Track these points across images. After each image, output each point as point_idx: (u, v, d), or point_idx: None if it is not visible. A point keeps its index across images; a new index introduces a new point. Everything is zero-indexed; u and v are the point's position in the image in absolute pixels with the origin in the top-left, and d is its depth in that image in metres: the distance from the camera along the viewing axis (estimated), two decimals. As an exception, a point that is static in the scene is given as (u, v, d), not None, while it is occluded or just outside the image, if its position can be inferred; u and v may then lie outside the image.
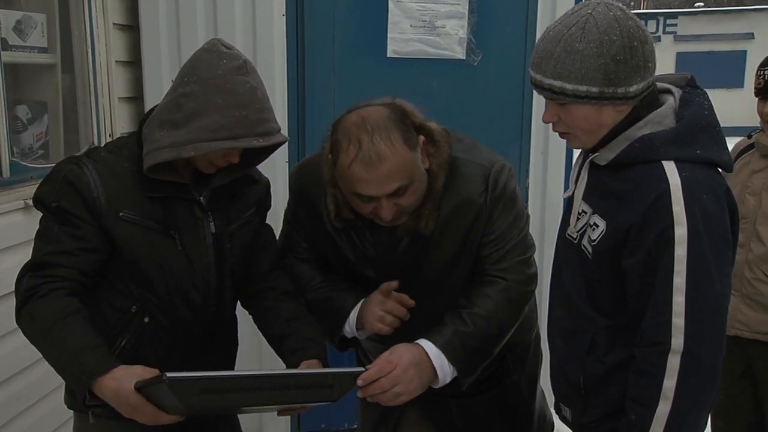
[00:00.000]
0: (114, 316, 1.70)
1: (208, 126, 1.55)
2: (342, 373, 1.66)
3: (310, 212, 1.84)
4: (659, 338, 1.47)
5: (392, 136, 1.54)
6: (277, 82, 2.90)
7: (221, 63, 1.57)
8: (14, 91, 2.54)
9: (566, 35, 1.46)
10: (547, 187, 3.29)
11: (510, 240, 1.76)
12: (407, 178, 1.58)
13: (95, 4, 2.73)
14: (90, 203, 1.62)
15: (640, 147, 1.51)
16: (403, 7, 2.91)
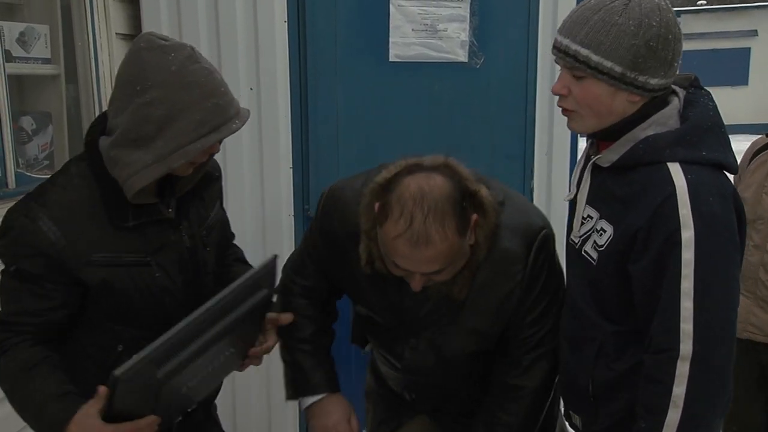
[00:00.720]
0: (99, 356, 1.63)
1: (186, 127, 1.47)
2: (262, 269, 1.65)
3: (336, 251, 1.77)
4: (667, 344, 1.44)
5: (446, 222, 1.45)
6: (280, 88, 2.90)
7: (170, 58, 1.47)
8: (19, 102, 2.56)
9: (608, 6, 1.44)
10: (552, 189, 3.27)
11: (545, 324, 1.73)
12: (449, 262, 1.52)
13: (98, 14, 2.74)
14: (53, 260, 1.51)
15: (644, 148, 1.48)
16: (404, 11, 2.91)
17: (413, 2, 2.91)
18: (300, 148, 2.96)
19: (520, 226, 1.66)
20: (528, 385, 1.76)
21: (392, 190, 1.49)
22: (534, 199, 3.21)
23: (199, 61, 1.53)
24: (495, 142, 3.11)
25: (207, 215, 1.77)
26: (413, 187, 1.47)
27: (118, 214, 1.55)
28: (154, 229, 1.62)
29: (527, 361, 1.75)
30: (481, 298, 1.67)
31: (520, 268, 1.65)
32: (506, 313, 1.70)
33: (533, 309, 1.70)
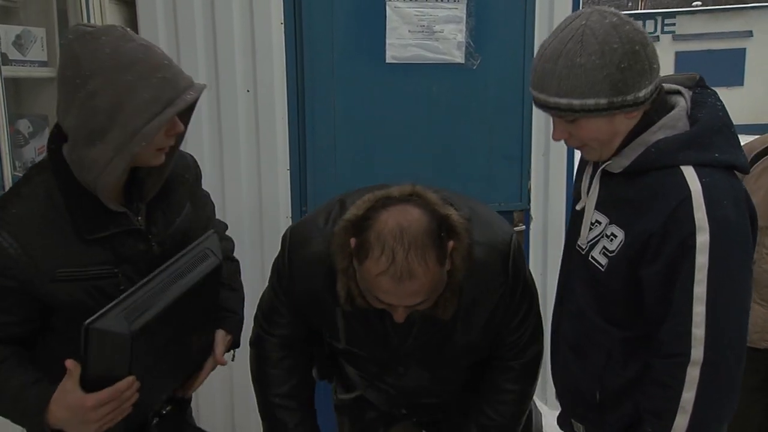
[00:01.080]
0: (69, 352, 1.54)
1: (137, 108, 1.39)
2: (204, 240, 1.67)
3: (309, 294, 1.73)
4: (678, 349, 1.44)
5: (427, 255, 1.45)
6: (277, 90, 2.90)
7: (101, 42, 1.39)
8: (15, 105, 2.55)
9: (564, 51, 1.42)
10: (549, 190, 3.28)
11: (529, 325, 1.76)
12: (430, 294, 1.52)
13: (94, 17, 2.74)
14: (16, 278, 1.45)
15: (656, 153, 1.47)
16: (401, 12, 2.91)
17: (410, 4, 2.91)
18: (297, 150, 2.95)
19: (491, 238, 1.67)
20: (517, 389, 1.81)
21: (369, 227, 1.47)
22: (531, 199, 3.22)
23: (134, 39, 1.44)
24: (492, 143, 3.11)
25: (173, 220, 1.70)
26: (391, 223, 1.45)
27: (85, 225, 1.49)
28: (122, 240, 1.56)
29: (518, 365, 1.80)
30: (470, 315, 1.68)
31: (502, 280, 1.67)
32: (496, 323, 1.72)
33: (517, 312, 1.73)
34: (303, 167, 2.95)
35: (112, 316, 1.39)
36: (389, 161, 3.01)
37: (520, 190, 3.18)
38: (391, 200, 1.51)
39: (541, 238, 3.30)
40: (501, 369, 1.81)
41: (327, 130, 2.94)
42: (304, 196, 2.98)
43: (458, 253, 1.54)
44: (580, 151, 1.62)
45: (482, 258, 1.63)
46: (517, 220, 3.20)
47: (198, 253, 1.63)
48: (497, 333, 1.75)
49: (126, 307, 1.42)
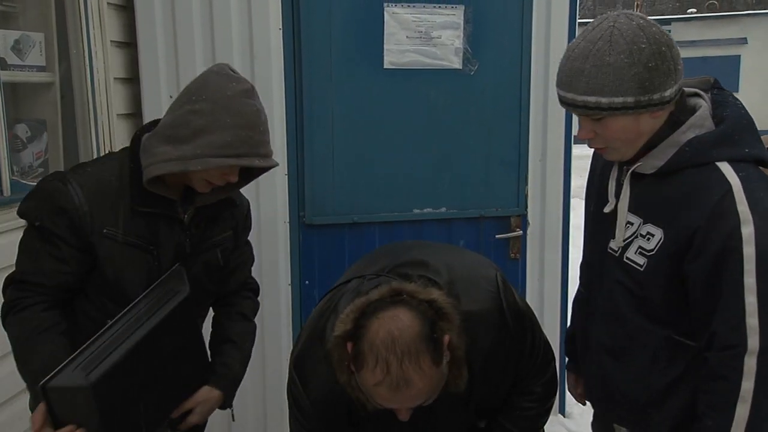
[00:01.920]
0: (88, 326, 1.70)
1: (216, 142, 1.60)
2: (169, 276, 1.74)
3: (330, 417, 1.68)
4: (734, 341, 1.45)
5: (422, 361, 1.42)
6: (275, 95, 2.91)
7: (231, 85, 1.63)
8: (13, 110, 2.55)
9: (593, 50, 1.45)
10: (546, 195, 3.29)
11: (540, 347, 1.75)
12: (430, 394, 1.49)
13: (93, 21, 2.74)
14: (75, 222, 1.65)
15: (690, 151, 1.51)
16: (399, 18, 2.92)
17: (408, 10, 2.92)
18: (295, 154, 2.96)
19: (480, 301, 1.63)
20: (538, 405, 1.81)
21: (362, 337, 1.45)
22: (528, 204, 3.23)
23: (254, 98, 1.68)
24: (489, 149, 3.13)
25: (211, 235, 1.85)
26: (382, 334, 1.42)
27: (139, 197, 1.69)
28: (164, 224, 1.75)
29: (539, 386, 1.79)
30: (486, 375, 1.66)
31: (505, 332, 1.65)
32: (512, 366, 1.71)
33: (524, 342, 1.71)
34: (301, 172, 2.97)
35: (68, 372, 1.47)
36: (387, 166, 3.03)
37: (517, 195, 3.20)
38: (378, 306, 1.47)
39: (538, 242, 3.31)
40: (522, 391, 1.79)
41: (325, 135, 2.95)
42: (302, 200, 2.99)
43: (453, 333, 1.51)
44: (601, 153, 1.64)
45: (480, 323, 1.61)
46: (514, 224, 3.22)
47: (163, 290, 1.71)
48: (515, 373, 1.74)
49: (83, 360, 1.49)
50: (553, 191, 3.30)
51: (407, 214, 3.08)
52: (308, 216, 2.99)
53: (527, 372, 1.75)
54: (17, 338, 1.67)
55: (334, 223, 3.03)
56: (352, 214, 3.03)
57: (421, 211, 3.10)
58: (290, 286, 3.06)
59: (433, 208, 3.11)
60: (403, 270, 1.65)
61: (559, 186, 3.30)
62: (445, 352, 1.48)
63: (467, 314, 1.57)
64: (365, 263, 1.79)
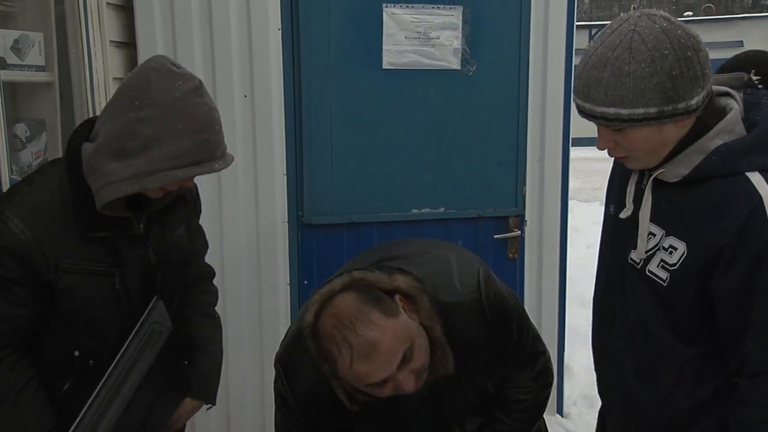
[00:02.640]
0: (55, 360, 1.64)
1: (171, 153, 1.46)
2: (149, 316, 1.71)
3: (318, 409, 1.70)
4: (766, 366, 1.37)
5: (372, 317, 1.44)
6: (274, 95, 2.91)
7: (177, 85, 1.48)
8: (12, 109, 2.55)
9: (612, 58, 1.34)
10: (544, 195, 3.30)
11: (527, 339, 1.75)
12: (407, 340, 1.48)
13: (92, 22, 2.74)
14: (25, 261, 1.51)
15: (718, 159, 1.39)
16: (397, 19, 2.93)
17: (406, 10, 2.93)
18: (294, 154, 2.97)
19: (455, 294, 1.64)
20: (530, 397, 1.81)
21: (318, 337, 1.48)
22: (526, 205, 3.24)
23: (203, 96, 1.53)
24: (488, 149, 3.14)
25: (169, 234, 1.77)
26: (328, 320, 1.46)
27: (87, 224, 1.54)
28: (122, 243, 1.63)
29: (530, 380, 1.80)
30: (469, 364, 1.66)
31: (485, 324, 1.65)
32: (496, 358, 1.71)
33: (509, 336, 1.71)
34: (300, 172, 2.97)
35: None
36: (385, 166, 3.04)
37: (515, 195, 3.20)
38: (332, 295, 1.50)
39: (536, 242, 3.32)
40: (515, 384, 1.80)
41: (324, 135, 2.96)
42: (300, 200, 3.00)
43: (421, 313, 1.53)
44: (622, 162, 1.53)
45: (457, 314, 1.61)
46: (512, 225, 3.23)
47: (146, 333, 1.68)
48: (501, 364, 1.75)
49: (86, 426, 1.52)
50: (551, 192, 3.31)
51: (406, 214, 3.09)
52: (307, 216, 3.00)
53: (516, 364, 1.76)
54: None
55: (333, 223, 3.04)
56: (350, 214, 3.03)
57: (419, 211, 3.10)
58: (289, 285, 3.06)
59: (431, 208, 3.11)
60: (385, 264, 1.66)
61: (557, 186, 3.31)
62: (400, 307, 1.50)
63: (443, 305, 1.60)
64: (354, 261, 1.81)
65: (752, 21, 21.20)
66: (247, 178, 2.94)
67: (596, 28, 21.55)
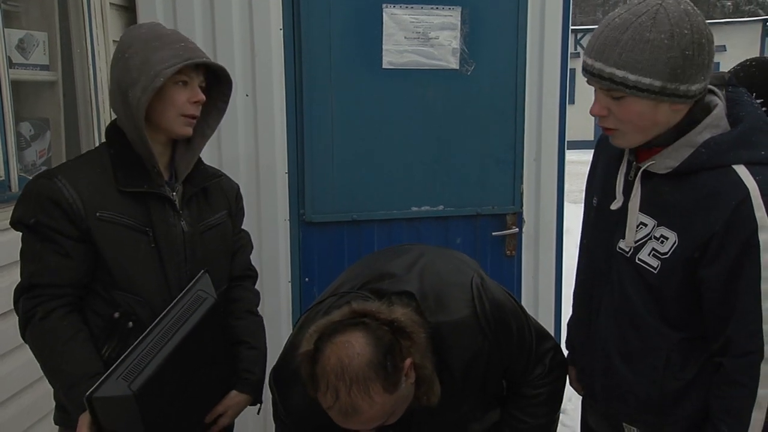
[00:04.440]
0: (97, 323, 1.72)
1: (159, 60, 1.67)
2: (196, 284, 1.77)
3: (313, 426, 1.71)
4: (751, 347, 1.43)
5: (371, 388, 1.43)
6: (276, 94, 2.95)
7: (143, 26, 1.78)
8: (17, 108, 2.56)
9: (635, 23, 1.39)
10: (541, 193, 3.35)
11: (531, 340, 1.75)
12: (389, 413, 1.50)
13: (95, 21, 2.77)
14: (68, 211, 1.66)
15: (707, 152, 1.46)
16: (397, 19, 2.97)
17: (406, 11, 2.98)
18: (295, 153, 3.00)
19: (452, 311, 1.63)
20: (545, 391, 1.81)
21: (316, 362, 1.47)
22: (524, 203, 3.28)
23: (169, 28, 1.80)
24: (485, 148, 3.18)
25: (206, 216, 1.87)
26: (333, 361, 1.44)
27: (123, 177, 1.73)
28: (155, 204, 1.76)
29: (541, 377, 1.80)
30: (466, 380, 1.67)
31: (482, 337, 1.65)
32: (497, 366, 1.71)
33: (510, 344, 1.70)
34: (301, 170, 3.00)
35: (111, 382, 1.50)
36: (386, 165, 3.07)
37: (512, 193, 3.25)
38: (336, 328, 1.49)
39: (533, 240, 3.37)
40: (526, 383, 1.81)
41: (325, 134, 2.99)
42: (301, 198, 3.03)
43: (416, 353, 1.51)
44: (608, 134, 1.57)
45: (454, 333, 1.62)
46: (509, 222, 3.27)
47: (191, 297, 1.73)
48: (505, 369, 1.75)
49: (124, 370, 1.52)
50: (548, 190, 3.36)
51: (405, 211, 3.13)
52: (308, 214, 3.03)
53: (525, 365, 1.76)
54: (42, 350, 1.66)
55: (334, 220, 3.06)
56: (351, 212, 3.06)
57: (419, 208, 3.14)
58: (290, 283, 3.09)
59: (430, 206, 3.15)
60: (375, 285, 1.67)
61: (553, 185, 3.36)
62: (403, 377, 1.49)
63: (440, 325, 1.60)
64: (344, 278, 1.81)
65: (735, 25, 21.52)
66: (248, 176, 2.97)
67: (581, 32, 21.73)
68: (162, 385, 1.57)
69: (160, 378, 1.56)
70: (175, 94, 1.72)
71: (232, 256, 1.98)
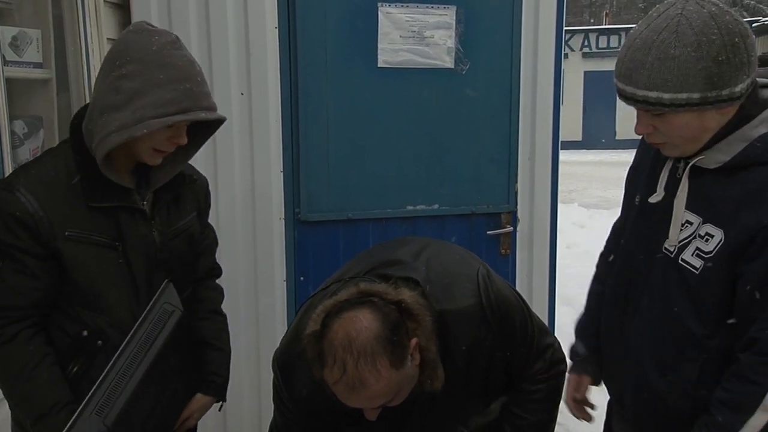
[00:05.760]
0: (64, 340, 1.65)
1: (155, 102, 1.50)
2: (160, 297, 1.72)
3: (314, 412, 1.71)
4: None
5: (378, 362, 1.44)
6: (271, 93, 2.94)
7: (153, 40, 1.54)
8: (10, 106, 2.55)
9: (657, 41, 1.34)
10: (535, 192, 3.36)
11: (533, 335, 1.75)
12: (395, 391, 1.50)
13: (89, 19, 2.75)
14: (33, 230, 1.55)
15: (762, 146, 1.40)
16: (392, 18, 2.98)
17: (401, 10, 2.98)
18: (290, 152, 2.99)
19: (457, 300, 1.63)
20: (544, 387, 1.80)
21: (323, 338, 1.48)
22: (518, 202, 3.29)
23: (182, 49, 1.58)
24: (480, 147, 3.19)
25: (176, 220, 1.80)
26: (341, 334, 1.45)
27: (91, 192, 1.59)
28: (126, 217, 1.66)
29: (541, 373, 1.79)
30: (469, 370, 1.67)
31: (486, 328, 1.65)
32: (499, 358, 1.71)
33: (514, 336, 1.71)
34: (296, 169, 3.00)
35: (84, 419, 1.50)
36: (381, 164, 3.08)
37: (507, 192, 3.26)
38: (344, 307, 1.50)
39: (528, 238, 3.38)
40: (526, 379, 1.80)
41: (320, 133, 2.99)
42: (297, 197, 3.02)
43: (422, 335, 1.52)
44: (659, 148, 1.52)
45: (458, 321, 1.62)
46: (504, 221, 3.28)
47: (158, 312, 1.70)
48: (506, 362, 1.75)
49: (96, 404, 1.52)
50: (542, 189, 3.37)
51: (401, 210, 3.13)
52: (303, 213, 3.03)
53: (525, 359, 1.76)
54: (6, 377, 1.60)
55: (329, 219, 3.06)
56: (346, 210, 3.06)
57: (414, 207, 3.15)
58: (285, 282, 3.08)
59: (426, 205, 3.16)
60: (382, 270, 1.67)
61: (547, 183, 3.37)
62: (409, 355, 1.50)
63: (445, 313, 1.60)
64: (349, 266, 1.81)
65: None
66: (243, 175, 2.96)
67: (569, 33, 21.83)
68: (135, 411, 1.58)
69: (132, 405, 1.56)
70: (156, 133, 1.56)
71: (197, 256, 1.93)
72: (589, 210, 10.21)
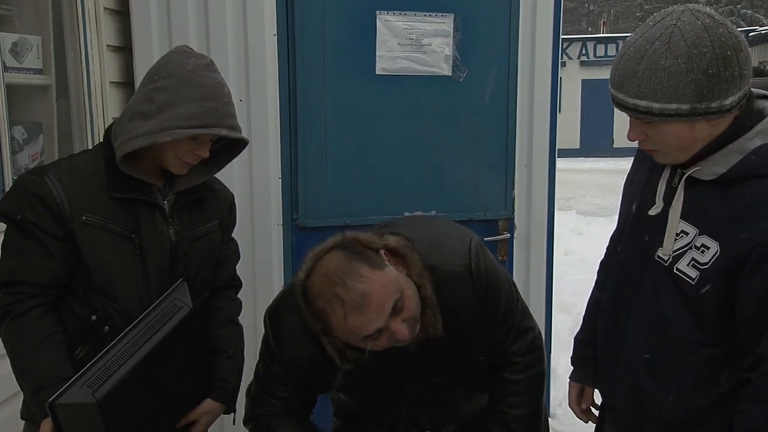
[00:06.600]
0: (74, 324, 1.72)
1: (181, 114, 1.63)
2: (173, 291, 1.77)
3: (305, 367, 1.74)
4: None
5: (360, 270, 1.49)
6: (270, 100, 2.96)
7: (190, 60, 1.69)
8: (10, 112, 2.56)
9: (649, 51, 1.35)
10: (532, 199, 3.38)
11: (516, 313, 1.78)
12: (396, 291, 1.53)
13: (89, 26, 2.77)
14: (54, 211, 1.65)
15: (758, 160, 1.40)
16: (390, 26, 3.00)
17: (399, 17, 3.00)
18: (289, 158, 3.01)
19: (450, 256, 1.67)
20: (524, 377, 1.82)
21: (309, 298, 1.54)
22: (515, 208, 3.31)
23: (214, 71, 1.72)
24: (477, 154, 3.21)
25: (199, 225, 1.87)
26: (318, 279, 1.52)
27: (114, 183, 1.71)
28: (145, 211, 1.76)
29: (520, 356, 1.81)
30: (456, 328, 1.69)
31: (472, 291, 1.68)
32: (482, 326, 1.74)
33: (498, 308, 1.73)
34: (294, 175, 3.01)
35: (75, 389, 1.51)
36: (379, 170, 3.09)
37: (504, 199, 3.27)
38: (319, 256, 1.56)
39: (525, 245, 3.39)
40: (505, 365, 1.82)
41: (318, 139, 3.01)
42: (295, 203, 3.03)
43: (411, 270, 1.58)
44: (651, 155, 1.54)
45: (447, 279, 1.65)
46: (501, 228, 3.30)
47: (167, 305, 1.74)
48: (489, 334, 1.77)
49: (90, 377, 1.54)
50: (539, 196, 3.39)
51: (398, 216, 3.14)
52: (301, 218, 3.04)
53: (505, 336, 1.78)
54: (14, 348, 1.66)
55: (327, 225, 3.06)
56: (344, 216, 3.07)
57: (411, 214, 3.15)
58: (283, 287, 3.09)
59: (423, 211, 3.16)
60: (376, 232, 1.70)
61: (543, 191, 3.39)
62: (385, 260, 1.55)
63: (433, 268, 1.64)
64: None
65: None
66: (242, 180, 2.97)
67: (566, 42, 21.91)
68: (128, 393, 1.58)
69: (126, 386, 1.57)
70: (181, 143, 1.68)
71: (217, 265, 1.98)
72: (586, 217, 10.24)
